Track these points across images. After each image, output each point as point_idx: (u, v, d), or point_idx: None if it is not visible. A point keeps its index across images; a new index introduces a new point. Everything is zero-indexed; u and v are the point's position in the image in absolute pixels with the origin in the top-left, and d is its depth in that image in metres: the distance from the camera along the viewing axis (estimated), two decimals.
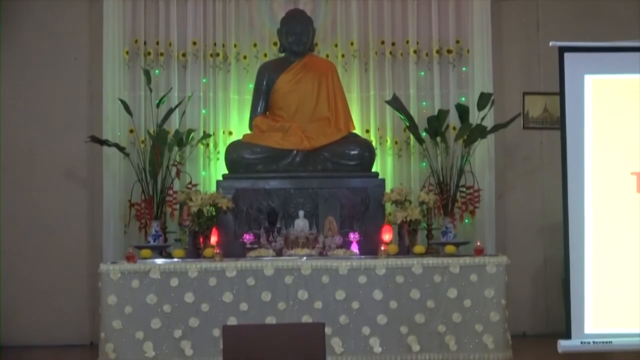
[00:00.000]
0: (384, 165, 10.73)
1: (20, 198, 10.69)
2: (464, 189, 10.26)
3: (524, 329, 10.60)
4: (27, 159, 10.70)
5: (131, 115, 10.21)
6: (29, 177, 10.71)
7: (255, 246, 9.35)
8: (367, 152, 10.24)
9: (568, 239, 5.47)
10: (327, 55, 10.91)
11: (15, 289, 10.60)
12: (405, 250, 9.56)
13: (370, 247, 9.38)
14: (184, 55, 10.72)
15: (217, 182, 10.13)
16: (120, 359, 8.70)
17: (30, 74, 10.77)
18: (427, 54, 10.86)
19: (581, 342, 5.32)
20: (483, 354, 8.82)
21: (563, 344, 5.29)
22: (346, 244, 9.41)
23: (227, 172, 10.19)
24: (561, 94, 5.68)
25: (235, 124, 10.80)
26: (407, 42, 10.85)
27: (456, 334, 8.85)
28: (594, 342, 5.30)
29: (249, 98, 10.70)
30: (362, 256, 9.20)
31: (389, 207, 10.08)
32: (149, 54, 10.69)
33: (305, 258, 9.01)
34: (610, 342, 5.35)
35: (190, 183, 10.18)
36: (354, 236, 9.48)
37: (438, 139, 10.28)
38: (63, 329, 10.52)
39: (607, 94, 5.62)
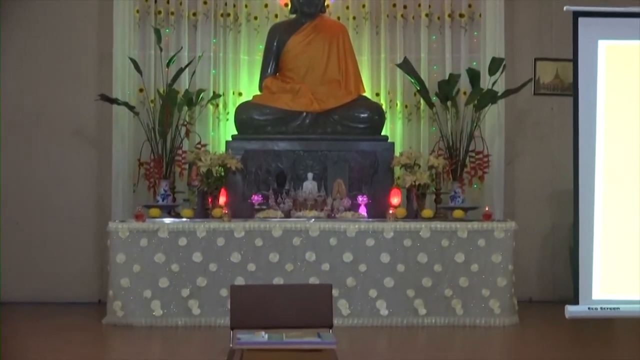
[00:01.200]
0: (393, 129, 10.70)
1: (29, 157, 10.68)
2: (474, 154, 10.24)
3: (531, 295, 10.61)
4: (36, 118, 10.67)
5: (141, 74, 10.17)
6: (38, 135, 10.70)
7: (264, 207, 9.37)
8: (377, 116, 10.21)
9: (578, 205, 5.43)
10: (339, 17, 10.85)
11: (24, 247, 10.63)
12: (413, 214, 9.57)
13: (378, 211, 9.39)
14: (194, 14, 10.66)
15: (227, 142, 10.11)
16: (128, 316, 8.76)
17: (39, 31, 10.69)
18: (438, 18, 10.79)
19: (588, 308, 5.30)
20: (489, 319, 8.86)
21: (570, 310, 5.28)
22: (354, 207, 9.42)
23: (236, 133, 10.17)
24: (574, 59, 5.63)
25: (245, 85, 10.77)
26: (419, 5, 10.77)
27: (463, 299, 8.89)
28: (601, 308, 5.29)
29: (259, 59, 10.66)
30: (370, 219, 9.22)
31: (397, 171, 10.07)
32: (160, 12, 10.62)
33: (313, 220, 9.03)
34: (618, 308, 5.34)
35: (199, 143, 10.17)
36: (362, 199, 9.48)
37: (448, 103, 10.24)
38: (71, 286, 10.55)
39: (620, 60, 5.57)
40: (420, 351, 8.06)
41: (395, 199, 9.31)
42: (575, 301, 5.37)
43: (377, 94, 10.75)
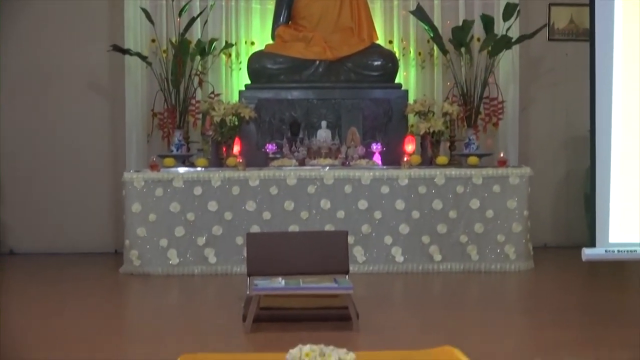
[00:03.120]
0: (407, 77, 10.64)
1: (43, 110, 10.68)
2: (488, 101, 10.19)
3: (545, 240, 10.63)
4: (49, 71, 10.67)
5: (153, 25, 10.12)
6: (51, 89, 10.70)
7: (278, 156, 9.37)
8: (390, 63, 10.15)
9: (595, 148, 5.41)
10: None
11: (40, 198, 10.70)
12: (428, 161, 9.56)
13: (392, 158, 9.38)
14: None
15: (240, 92, 10.09)
16: (144, 265, 8.82)
17: None
18: None
19: (605, 251, 5.30)
20: (504, 264, 8.89)
21: (587, 252, 5.28)
22: (369, 155, 9.41)
23: (249, 82, 10.14)
24: (590, 3, 5.57)
25: (258, 34, 10.70)
26: None
27: (478, 244, 8.91)
28: (618, 250, 5.29)
29: (271, 7, 10.57)
30: (385, 167, 9.22)
31: (411, 119, 10.05)
32: None
33: (327, 168, 9.03)
34: (635, 250, 5.34)
35: (212, 93, 10.15)
36: (376, 147, 9.47)
37: (462, 50, 10.16)
38: (88, 237, 10.62)
39: (638, 3, 5.52)
40: (436, 297, 8.10)
41: (409, 147, 9.30)
42: (592, 244, 5.37)
43: (390, 42, 10.68)
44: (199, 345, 5.24)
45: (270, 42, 10.37)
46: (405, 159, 9.08)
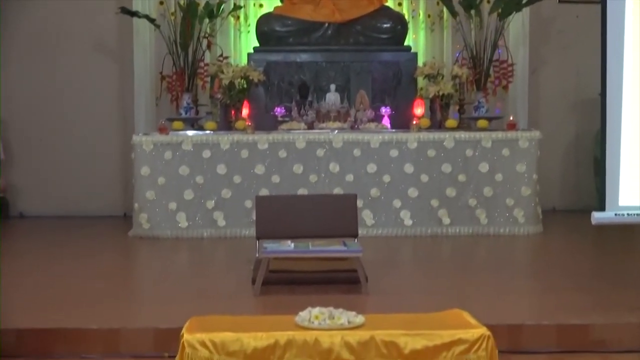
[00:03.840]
0: (416, 39, 10.59)
1: (51, 72, 10.68)
2: (498, 64, 10.13)
3: (554, 204, 10.62)
4: (56, 33, 10.65)
5: None
6: (59, 51, 10.68)
7: (287, 119, 9.35)
8: (400, 26, 10.09)
9: (605, 111, 5.39)
10: None
11: (50, 162, 10.72)
12: (437, 124, 9.53)
13: (401, 121, 9.36)
14: None
15: (248, 54, 10.05)
16: (153, 229, 8.84)
17: None
18: None
19: (615, 214, 5.29)
20: (513, 228, 8.89)
21: (597, 216, 5.27)
22: (378, 118, 9.39)
23: (258, 45, 10.09)
24: None
25: None
26: None
27: (487, 208, 8.90)
28: (628, 214, 5.28)
29: None
30: (394, 130, 9.19)
31: (421, 82, 10.00)
32: None
33: (336, 131, 9.01)
34: None
35: (221, 55, 10.11)
36: (385, 110, 9.44)
37: (472, 12, 10.07)
38: (97, 200, 10.66)
39: None
40: (445, 260, 8.10)
41: (418, 110, 9.26)
42: (601, 207, 5.36)
43: (400, 4, 10.61)
44: (208, 308, 5.25)
45: (279, 4, 10.31)
46: (414, 122, 9.05)
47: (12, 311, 5.54)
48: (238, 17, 10.52)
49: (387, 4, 10.31)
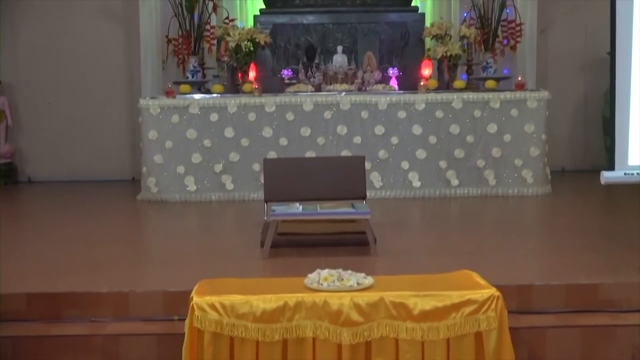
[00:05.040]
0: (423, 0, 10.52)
1: (58, 37, 10.65)
2: (506, 23, 10.04)
3: (563, 164, 10.59)
4: None
5: None
6: (64, 15, 10.63)
7: (294, 82, 9.32)
8: None
9: (615, 70, 5.34)
10: None
11: (57, 127, 10.72)
12: (445, 85, 9.49)
13: (409, 83, 9.32)
14: None
15: (255, 17, 9.99)
16: (162, 192, 8.85)
17: None
18: None
19: (624, 174, 5.27)
20: (522, 189, 8.87)
21: (606, 175, 5.25)
22: (385, 80, 9.34)
23: (264, 7, 10.03)
24: None
25: None
26: None
27: (495, 169, 8.88)
28: (637, 173, 5.26)
29: None
30: (402, 91, 9.15)
31: (428, 42, 9.95)
32: None
33: (344, 93, 8.97)
34: None
35: (227, 18, 10.05)
36: (393, 71, 9.40)
37: None
38: (105, 164, 10.67)
39: None
40: (453, 221, 8.09)
41: (426, 71, 9.20)
42: (610, 167, 5.34)
43: None
44: (217, 271, 5.26)
45: None
46: (422, 83, 9.00)
47: (22, 276, 5.57)
48: None
49: None
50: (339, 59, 9.48)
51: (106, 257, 6.18)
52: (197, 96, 9.08)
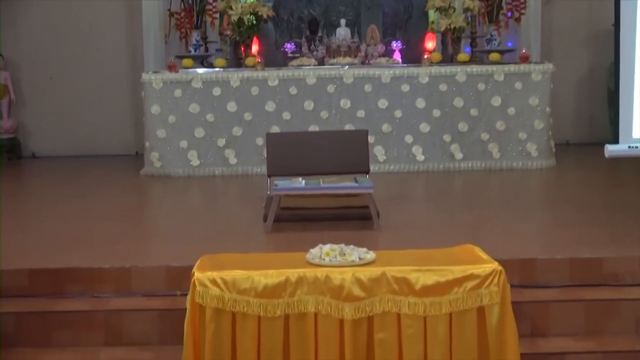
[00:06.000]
0: None
1: (60, 11, 10.58)
2: None
3: (568, 137, 10.53)
4: None
5: None
6: None
7: (297, 55, 9.28)
8: None
9: (619, 42, 5.30)
10: None
11: (60, 102, 10.69)
12: (448, 58, 9.43)
13: (413, 56, 9.27)
14: None
15: None
16: (165, 167, 8.83)
17: None
18: None
19: (629, 147, 5.24)
20: (526, 162, 8.83)
21: (610, 149, 5.21)
22: (389, 53, 9.30)
23: None
24: None
25: None
26: None
27: (499, 142, 8.84)
28: None
29: None
30: (405, 64, 9.10)
31: (432, 15, 9.87)
32: None
33: (347, 67, 8.92)
34: None
35: None
36: (396, 44, 9.36)
37: None
38: (108, 139, 10.64)
39: None
40: (457, 195, 8.08)
41: (430, 44, 9.15)
42: (615, 140, 5.30)
43: None
44: (220, 245, 5.26)
45: None
46: (425, 56, 8.95)
47: (25, 251, 5.57)
48: None
49: None
50: (342, 32, 9.43)
51: (109, 232, 6.17)
52: (200, 70, 9.04)
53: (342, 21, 9.51)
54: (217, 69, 9.08)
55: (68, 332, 4.78)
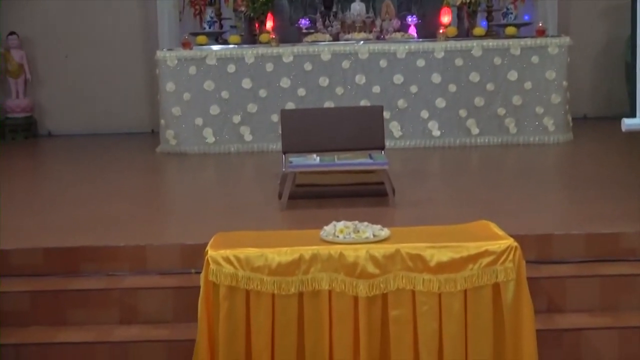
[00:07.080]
0: None
1: None
2: None
3: (585, 111, 10.46)
4: None
5: None
6: None
7: (312, 31, 9.23)
8: None
9: (636, 15, 5.24)
10: None
11: (76, 80, 10.69)
12: (464, 32, 9.35)
13: (428, 30, 9.21)
14: None
15: None
16: (181, 144, 8.82)
17: None
18: None
19: None
20: (543, 136, 8.77)
21: (627, 123, 5.15)
22: (404, 28, 9.24)
23: None
24: None
25: None
26: None
27: (516, 117, 8.78)
28: None
29: None
30: (420, 39, 9.03)
31: None
32: None
33: (362, 42, 8.87)
34: None
35: None
36: (411, 19, 9.30)
37: None
38: (124, 117, 10.64)
39: None
40: (473, 171, 8.04)
41: (445, 18, 9.06)
42: (632, 114, 5.25)
43: None
44: (235, 222, 5.25)
45: None
46: (441, 31, 8.87)
47: (40, 230, 5.58)
48: None
49: None
50: (357, 7, 9.35)
51: (124, 211, 6.18)
52: (215, 47, 9.01)
53: None
54: (231, 46, 9.04)
55: (83, 310, 4.79)
